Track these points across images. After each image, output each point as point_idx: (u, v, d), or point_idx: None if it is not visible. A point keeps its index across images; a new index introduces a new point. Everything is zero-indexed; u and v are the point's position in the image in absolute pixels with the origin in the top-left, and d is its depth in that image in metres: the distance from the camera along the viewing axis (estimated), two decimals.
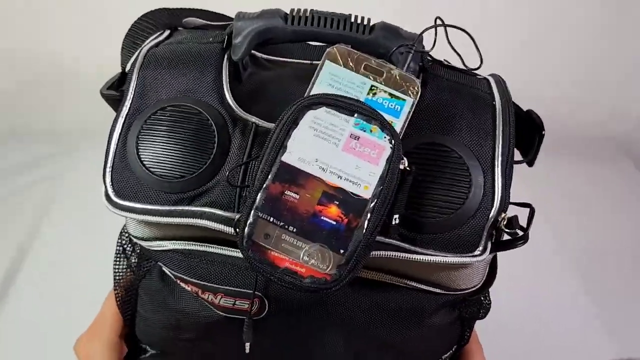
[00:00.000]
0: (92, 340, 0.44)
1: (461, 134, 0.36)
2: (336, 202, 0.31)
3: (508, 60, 1.31)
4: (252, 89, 0.40)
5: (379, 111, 0.32)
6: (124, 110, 0.37)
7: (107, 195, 0.36)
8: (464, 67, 0.40)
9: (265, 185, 0.31)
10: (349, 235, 0.31)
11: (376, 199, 0.31)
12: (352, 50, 0.35)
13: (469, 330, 0.44)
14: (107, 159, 0.36)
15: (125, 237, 0.45)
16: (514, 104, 0.40)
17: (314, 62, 0.45)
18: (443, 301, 0.39)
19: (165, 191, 0.35)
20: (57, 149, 1.13)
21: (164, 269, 0.40)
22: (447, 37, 0.38)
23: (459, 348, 0.45)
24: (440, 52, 0.40)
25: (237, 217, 0.34)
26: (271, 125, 0.36)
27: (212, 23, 0.44)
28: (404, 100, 0.34)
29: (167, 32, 0.43)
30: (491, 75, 0.42)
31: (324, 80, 0.34)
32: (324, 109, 0.32)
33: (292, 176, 0.31)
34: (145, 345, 0.45)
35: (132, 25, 0.44)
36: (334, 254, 0.31)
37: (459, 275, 0.37)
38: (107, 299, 0.46)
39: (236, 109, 0.37)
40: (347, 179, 0.32)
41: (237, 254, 0.37)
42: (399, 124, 0.34)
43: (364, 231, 0.30)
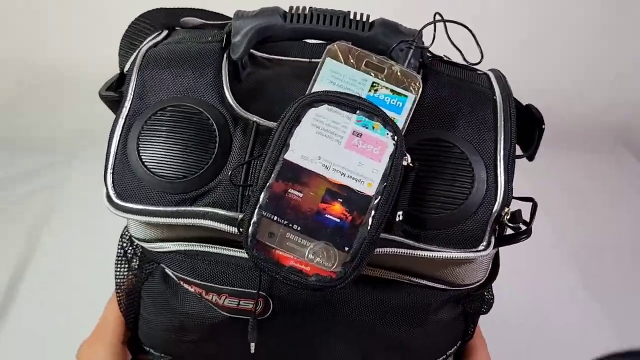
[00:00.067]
0: (95, 346, 0.44)
1: (463, 129, 0.36)
2: (340, 199, 0.31)
3: (506, 54, 1.31)
4: (252, 87, 0.40)
5: (381, 108, 0.32)
6: (124, 111, 0.37)
7: (109, 196, 0.36)
8: (464, 62, 0.40)
9: (268, 184, 0.31)
10: (353, 233, 0.31)
11: (380, 196, 0.31)
12: (353, 47, 0.35)
13: (472, 325, 0.44)
14: (107, 160, 0.36)
15: (126, 239, 0.44)
16: (513, 98, 0.40)
17: (313, 60, 0.45)
18: (447, 297, 0.39)
19: (167, 192, 0.35)
20: (56, 157, 1.13)
21: (166, 270, 0.40)
22: (447, 33, 0.38)
23: (463, 343, 0.45)
24: (440, 48, 0.40)
25: (240, 216, 0.33)
26: (272, 124, 0.36)
27: (210, 22, 0.43)
28: (406, 96, 0.34)
29: (165, 32, 0.43)
30: (491, 70, 0.42)
31: (325, 78, 0.34)
32: (326, 106, 0.32)
33: (296, 174, 0.31)
34: (149, 348, 0.45)
35: (130, 26, 0.44)
36: (338, 252, 0.31)
37: (463, 270, 0.37)
38: (108, 304, 0.46)
39: (237, 108, 0.36)
40: (350, 177, 0.32)
41: (241, 254, 0.36)
42: (401, 120, 0.34)
43: (369, 228, 0.30)
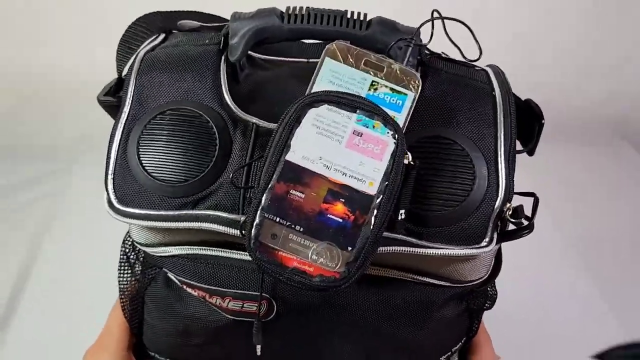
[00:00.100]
0: (100, 353, 0.44)
1: (463, 126, 0.36)
2: (342, 199, 0.31)
3: (503, 49, 1.31)
4: (250, 89, 0.40)
5: (381, 106, 0.32)
6: (123, 116, 0.37)
7: (110, 202, 0.35)
8: (462, 59, 0.40)
9: (270, 186, 0.31)
10: (356, 232, 0.31)
11: (382, 195, 0.31)
12: (352, 46, 0.35)
13: (477, 321, 0.44)
14: (108, 165, 0.36)
15: (129, 245, 0.44)
16: (512, 94, 0.40)
17: (311, 60, 0.44)
18: (451, 294, 0.39)
19: (169, 196, 0.35)
20: (57, 164, 1.13)
21: (169, 275, 0.40)
22: (445, 30, 0.38)
23: (468, 340, 0.45)
24: (438, 45, 0.40)
25: (242, 219, 0.33)
26: (272, 125, 0.35)
27: (207, 25, 0.43)
28: (406, 94, 0.34)
29: (162, 35, 0.43)
30: (489, 66, 0.42)
31: (325, 77, 0.34)
32: (326, 106, 0.32)
33: (297, 175, 0.31)
34: (154, 354, 0.45)
35: (127, 30, 0.44)
36: (342, 252, 0.31)
37: (466, 267, 0.37)
38: (112, 311, 0.45)
39: (236, 110, 0.36)
40: (352, 176, 0.32)
41: (244, 256, 0.36)
42: (401, 119, 0.34)
43: (371, 227, 0.30)
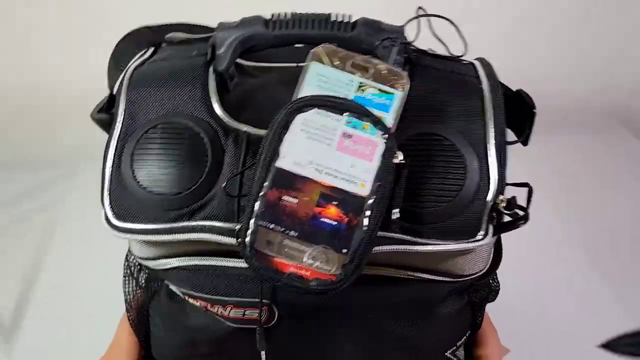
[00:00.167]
0: None
1: (452, 121, 0.36)
2: (335, 202, 0.31)
3: (498, 38, 1.30)
4: (241, 97, 0.40)
5: (369, 107, 0.33)
6: (116, 132, 0.37)
7: (107, 218, 0.36)
8: (449, 54, 0.40)
9: (262, 193, 0.31)
10: (350, 234, 0.31)
11: (374, 196, 0.31)
12: (337, 48, 0.35)
13: (480, 315, 0.44)
14: (103, 182, 0.36)
15: (132, 259, 0.45)
16: (503, 84, 0.40)
17: (300, 64, 0.44)
18: (451, 289, 0.39)
19: (164, 209, 0.35)
20: (56, 173, 1.14)
21: (171, 287, 0.41)
22: (430, 27, 0.38)
23: (473, 333, 0.45)
24: (428, 41, 0.40)
25: (238, 227, 0.34)
26: (263, 132, 0.36)
27: (195, 36, 0.44)
28: (393, 94, 0.34)
29: (151, 49, 0.43)
30: (477, 59, 0.42)
31: (312, 82, 0.34)
32: (314, 110, 0.32)
33: (289, 181, 0.31)
34: None
35: (116, 47, 0.44)
36: (337, 254, 0.31)
37: (463, 261, 0.37)
38: (120, 324, 0.46)
39: (226, 120, 0.37)
40: (343, 179, 0.32)
41: (242, 264, 0.37)
42: (390, 118, 0.34)
43: (365, 228, 0.31)
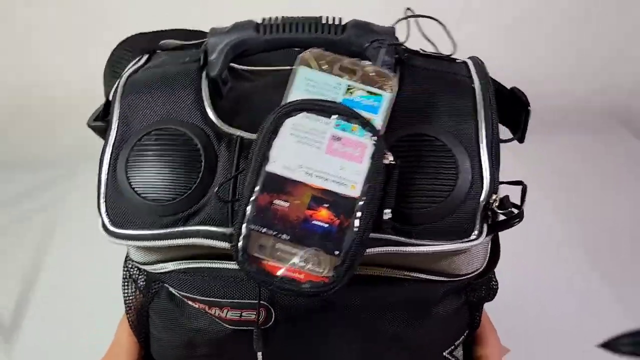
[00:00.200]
0: None
1: (443, 121, 0.36)
2: (325, 205, 0.32)
3: (498, 37, 1.30)
4: (234, 102, 0.40)
5: (357, 110, 0.33)
6: (110, 139, 0.38)
7: (104, 225, 0.36)
8: (441, 53, 0.40)
9: (253, 198, 0.31)
10: (341, 236, 0.31)
11: (365, 197, 0.31)
12: (325, 52, 0.35)
13: (478, 314, 0.44)
14: (99, 189, 0.37)
15: (131, 262, 0.45)
16: (497, 82, 0.40)
17: (294, 67, 0.45)
18: (447, 288, 0.39)
19: (159, 214, 0.35)
20: (56, 173, 1.15)
21: (170, 289, 0.41)
22: (420, 27, 0.38)
23: (471, 332, 0.45)
24: (420, 42, 0.40)
25: (230, 232, 0.34)
26: (255, 137, 0.36)
27: (188, 42, 0.44)
28: (382, 95, 0.34)
29: (146, 56, 0.44)
30: (470, 58, 0.42)
31: (300, 86, 0.34)
32: (303, 114, 0.32)
33: (279, 185, 0.32)
34: None
35: (111, 54, 0.45)
36: (329, 257, 0.31)
37: (459, 261, 0.37)
38: (120, 324, 0.47)
39: (220, 125, 0.37)
40: (333, 181, 0.32)
41: (237, 266, 0.37)
42: (379, 120, 0.34)
43: (356, 230, 0.31)
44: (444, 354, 0.42)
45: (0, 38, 1.31)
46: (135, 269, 0.45)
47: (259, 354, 0.39)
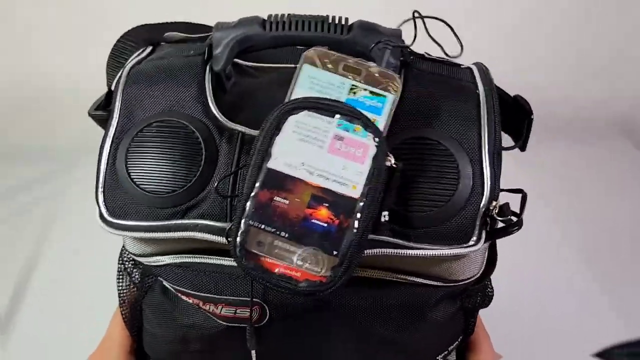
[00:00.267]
0: (102, 358, 0.45)
1: (446, 126, 0.36)
2: (326, 204, 0.32)
3: (500, 45, 1.30)
4: (237, 97, 0.40)
5: (360, 110, 0.33)
6: (111, 129, 0.37)
7: (101, 215, 0.36)
8: (446, 57, 0.40)
9: (253, 194, 0.31)
10: (340, 236, 0.31)
11: (365, 198, 0.31)
12: (330, 51, 0.35)
13: (473, 320, 0.44)
14: (98, 178, 0.37)
15: (126, 255, 0.45)
16: (500, 90, 0.40)
17: (298, 65, 0.45)
18: (443, 293, 0.39)
19: (158, 207, 0.35)
20: (56, 166, 1.15)
21: (165, 283, 0.41)
22: (426, 29, 0.38)
23: (465, 338, 0.45)
24: (427, 46, 0.40)
25: (229, 227, 0.34)
26: (257, 133, 0.36)
27: (193, 35, 0.44)
28: (385, 97, 0.34)
29: (149, 48, 0.43)
30: (474, 64, 0.42)
31: (304, 84, 0.34)
32: (306, 112, 0.32)
33: (280, 182, 0.31)
34: None
35: (115, 45, 0.44)
36: (327, 256, 0.31)
37: (456, 266, 0.37)
38: (114, 317, 0.46)
39: (221, 119, 0.37)
40: (334, 180, 0.32)
41: (234, 263, 0.37)
42: (382, 121, 0.34)
43: (355, 231, 0.31)
44: (438, 358, 0.42)
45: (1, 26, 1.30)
46: (130, 262, 0.45)
47: (253, 352, 0.38)
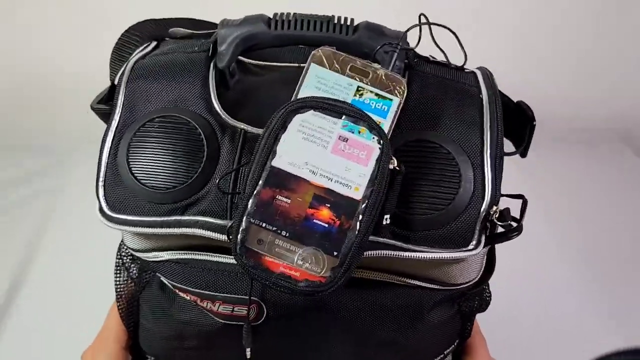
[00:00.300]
0: (98, 352, 0.45)
1: (449, 130, 0.36)
2: (327, 204, 0.32)
3: (507, 53, 1.31)
4: (240, 95, 0.40)
5: (366, 112, 0.33)
6: (114, 123, 0.37)
7: (101, 209, 0.36)
8: (449, 62, 0.40)
9: (256, 191, 0.31)
10: (341, 237, 0.31)
11: (367, 200, 0.31)
12: (337, 52, 0.35)
13: (469, 324, 0.44)
14: (99, 172, 0.36)
15: (124, 250, 0.45)
16: (504, 95, 0.40)
17: (302, 65, 0.45)
18: (441, 296, 0.39)
19: (158, 202, 0.35)
20: (56, 159, 1.15)
21: (162, 279, 0.41)
22: (432, 35, 0.38)
23: (462, 342, 0.45)
24: (430, 49, 0.41)
25: (230, 224, 0.34)
26: (260, 131, 0.36)
27: (198, 32, 0.44)
28: (391, 99, 0.34)
29: (154, 43, 0.43)
30: (478, 68, 0.42)
31: (311, 84, 0.34)
32: (312, 112, 0.32)
33: (283, 181, 0.31)
34: (151, 357, 0.46)
35: (119, 39, 0.44)
36: (327, 257, 0.31)
37: (455, 270, 0.38)
38: (110, 311, 0.46)
39: (224, 117, 0.37)
40: (337, 181, 0.32)
41: (233, 260, 0.37)
42: (387, 124, 0.34)
43: (356, 232, 0.31)
44: None
45: (2, 21, 1.29)
46: (128, 257, 0.44)
47: (248, 350, 0.38)
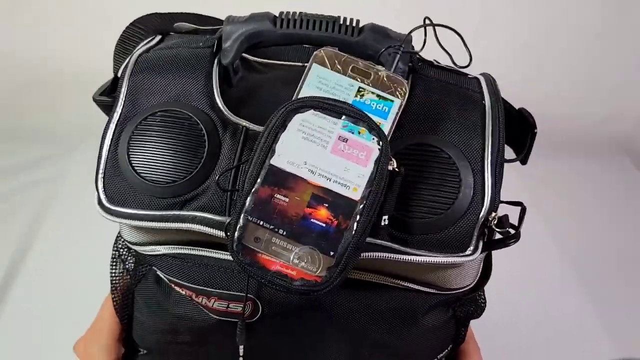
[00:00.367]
0: (91, 343, 0.45)
1: (450, 134, 0.36)
2: (325, 204, 0.32)
3: (508, 60, 1.31)
4: (243, 92, 0.40)
5: (366, 113, 0.33)
6: (115, 116, 0.37)
7: (100, 201, 0.36)
8: (454, 66, 0.40)
9: (254, 189, 0.31)
10: (338, 237, 0.31)
11: (365, 201, 0.31)
12: (340, 52, 0.35)
13: (464, 329, 0.44)
14: (99, 165, 0.36)
15: (121, 242, 0.45)
16: (505, 102, 0.40)
17: (306, 64, 0.45)
18: (437, 301, 0.39)
19: (157, 196, 0.35)
20: (57, 150, 1.15)
21: (158, 273, 0.41)
22: (437, 37, 0.38)
23: (455, 347, 0.45)
24: (435, 53, 0.40)
25: (227, 221, 0.34)
26: (261, 129, 0.36)
27: (203, 27, 0.44)
28: (392, 101, 0.34)
29: (159, 37, 0.43)
30: (482, 74, 0.42)
31: (312, 83, 0.34)
32: (312, 111, 0.32)
33: (281, 179, 0.31)
34: (144, 350, 0.46)
35: (124, 31, 0.44)
36: (323, 256, 0.31)
37: (451, 274, 0.37)
38: (105, 302, 0.46)
39: (226, 113, 0.37)
40: (336, 181, 0.32)
41: (230, 257, 0.37)
42: (387, 125, 0.34)
43: (353, 233, 0.31)
44: None
45: (7, 11, 1.30)
46: (125, 249, 0.45)
47: (241, 347, 0.38)
